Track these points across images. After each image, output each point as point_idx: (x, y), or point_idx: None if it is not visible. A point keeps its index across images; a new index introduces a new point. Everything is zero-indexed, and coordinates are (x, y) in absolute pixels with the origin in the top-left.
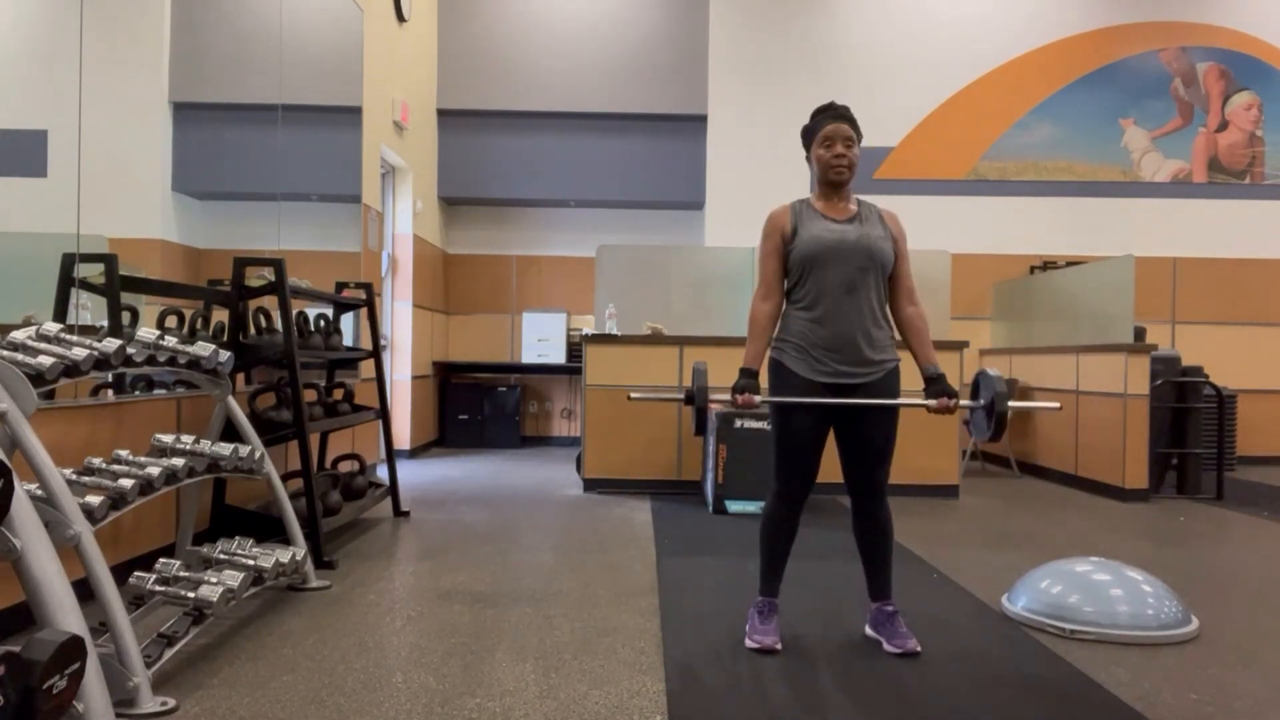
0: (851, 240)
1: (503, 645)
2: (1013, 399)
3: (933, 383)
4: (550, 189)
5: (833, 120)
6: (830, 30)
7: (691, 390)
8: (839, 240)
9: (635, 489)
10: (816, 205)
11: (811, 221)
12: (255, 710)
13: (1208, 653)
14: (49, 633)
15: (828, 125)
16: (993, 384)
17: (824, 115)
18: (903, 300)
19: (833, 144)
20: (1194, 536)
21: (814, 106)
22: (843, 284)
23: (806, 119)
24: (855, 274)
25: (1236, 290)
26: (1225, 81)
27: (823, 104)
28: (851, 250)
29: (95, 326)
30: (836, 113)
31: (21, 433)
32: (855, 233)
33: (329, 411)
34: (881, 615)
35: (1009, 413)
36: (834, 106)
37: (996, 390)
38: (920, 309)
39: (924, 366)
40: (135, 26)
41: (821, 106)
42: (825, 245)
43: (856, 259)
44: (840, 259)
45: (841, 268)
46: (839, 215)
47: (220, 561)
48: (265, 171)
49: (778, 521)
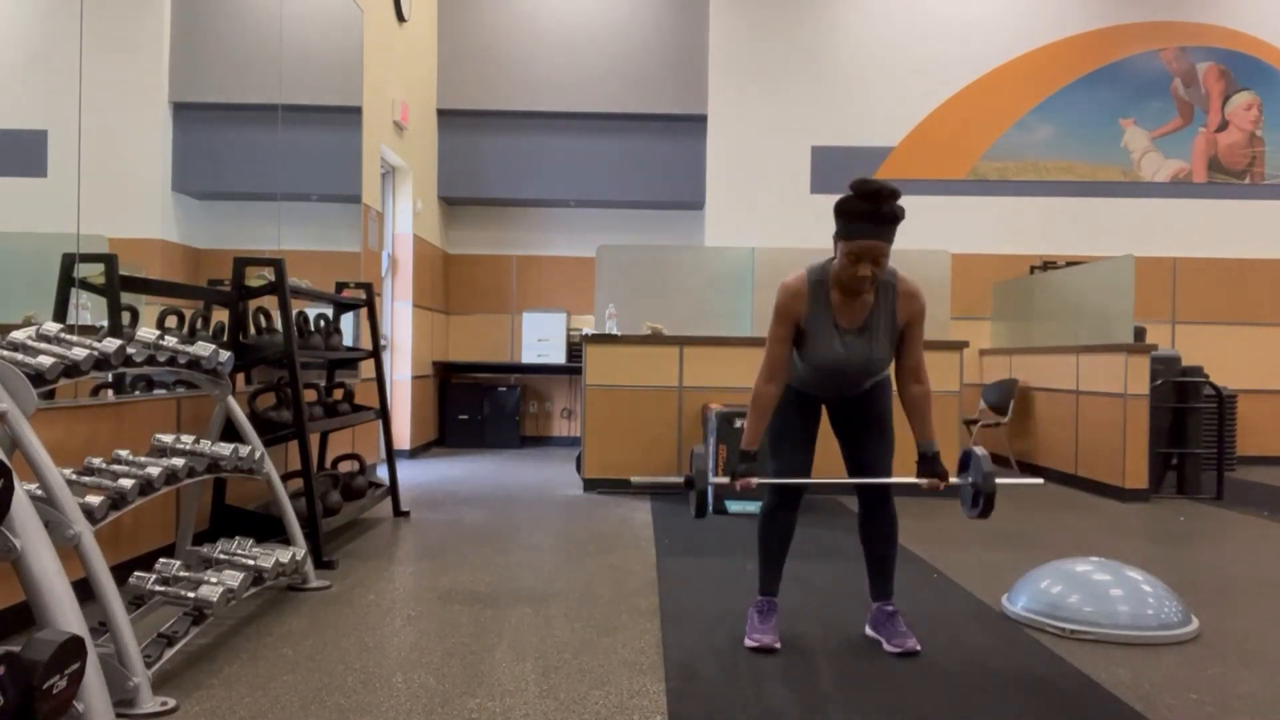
0: (856, 361)
1: (503, 645)
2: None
3: (927, 462)
4: (550, 189)
5: (870, 234)
6: (830, 30)
7: (691, 476)
8: (844, 360)
9: (635, 489)
10: (834, 299)
11: (824, 325)
12: (255, 710)
13: (1208, 653)
14: (49, 633)
15: (862, 240)
16: (980, 465)
17: (862, 221)
18: (907, 378)
19: (859, 262)
20: (1194, 536)
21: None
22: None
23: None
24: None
25: (1236, 290)
26: (1225, 81)
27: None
28: (854, 367)
29: (95, 326)
30: (879, 219)
31: (21, 433)
32: (861, 353)
33: (329, 411)
34: (881, 615)
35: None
36: (879, 210)
37: (984, 471)
38: (925, 386)
39: (920, 444)
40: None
41: (866, 190)
42: (829, 362)
43: (855, 374)
44: (841, 372)
45: (841, 375)
46: (851, 322)
47: (220, 561)
48: (265, 171)
49: (777, 520)
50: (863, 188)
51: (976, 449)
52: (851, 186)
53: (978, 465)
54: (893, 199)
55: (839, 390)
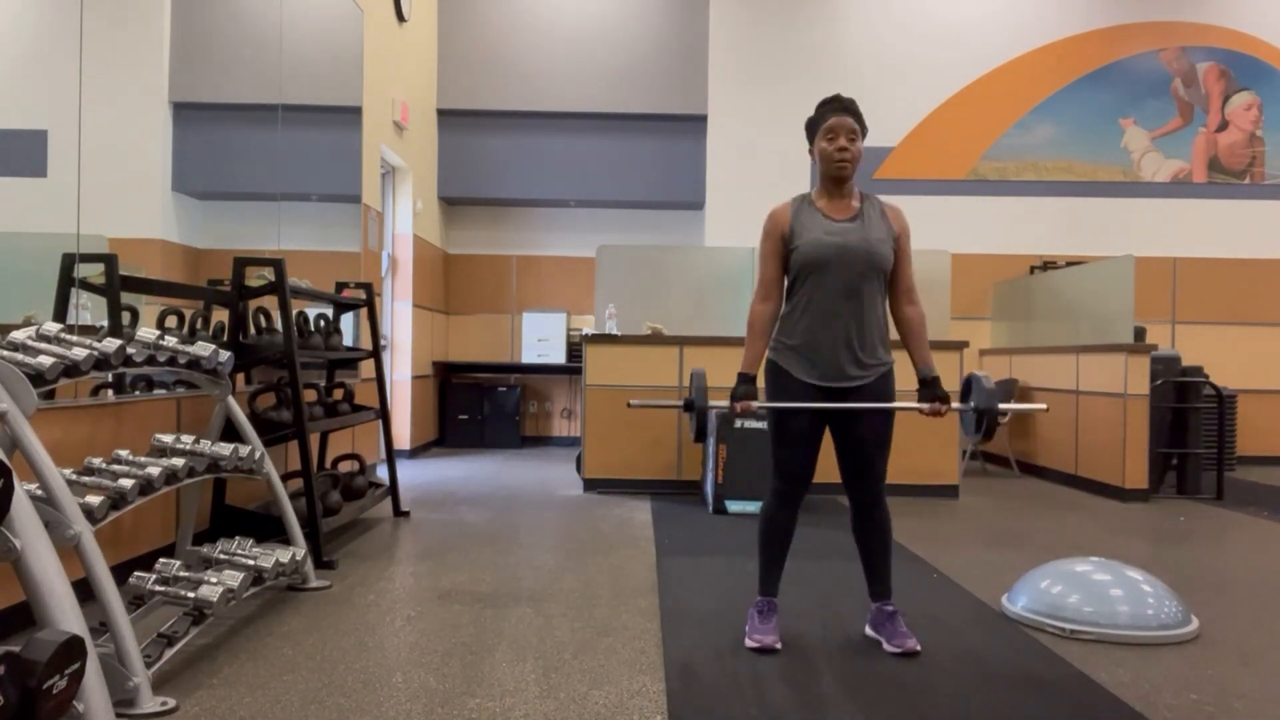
0: (853, 244)
1: (503, 645)
2: (1011, 399)
3: (926, 386)
4: (550, 189)
5: (836, 113)
6: (830, 30)
7: (690, 397)
8: (840, 245)
9: (635, 489)
10: (818, 203)
11: (812, 222)
12: (255, 710)
13: (1208, 653)
14: (49, 633)
15: (831, 118)
16: (982, 387)
17: (828, 108)
18: (902, 299)
19: (835, 136)
20: (1194, 536)
21: (813, 106)
22: (842, 289)
23: (807, 118)
24: (855, 279)
25: (1236, 290)
26: (1225, 81)
27: (828, 96)
28: (852, 254)
29: (95, 326)
30: (841, 105)
31: (21, 433)
32: (856, 235)
33: (329, 411)
34: (881, 615)
35: (999, 414)
36: (839, 98)
37: (986, 389)
38: (919, 308)
39: (919, 369)
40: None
41: (826, 98)
42: (826, 248)
43: (857, 264)
44: (840, 264)
45: (841, 272)
46: (840, 214)
47: (220, 561)
48: (265, 171)
49: (776, 520)
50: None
51: (978, 373)
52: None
53: (980, 387)
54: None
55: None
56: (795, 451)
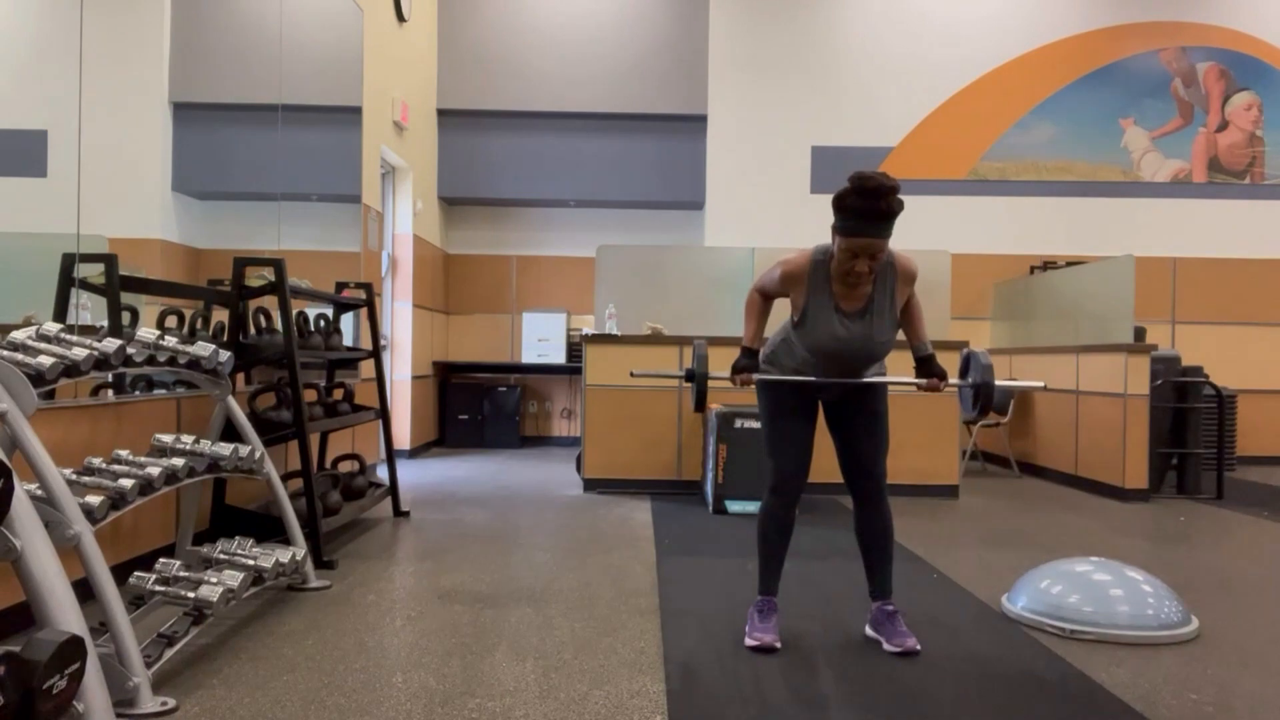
0: (856, 345)
1: (503, 645)
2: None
3: (923, 363)
4: (550, 189)
5: (870, 229)
6: (830, 30)
7: (691, 367)
8: (845, 343)
9: (635, 489)
10: (833, 279)
11: (823, 308)
12: (255, 710)
13: (1208, 653)
14: (49, 633)
15: (860, 238)
16: (979, 363)
17: (860, 218)
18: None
19: (855, 257)
20: (1194, 536)
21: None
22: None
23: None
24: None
25: (1236, 290)
26: (1225, 81)
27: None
28: (854, 351)
29: (95, 326)
30: (877, 215)
31: (21, 433)
32: (861, 336)
33: (329, 411)
34: (881, 615)
35: (994, 389)
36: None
37: (983, 364)
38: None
39: (915, 346)
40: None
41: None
42: (829, 346)
43: (859, 356)
44: (841, 356)
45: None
46: (851, 305)
47: (220, 561)
48: (265, 171)
49: (774, 519)
50: (862, 184)
51: (976, 349)
52: (850, 180)
53: (977, 364)
54: (892, 194)
55: (841, 372)
56: (790, 449)
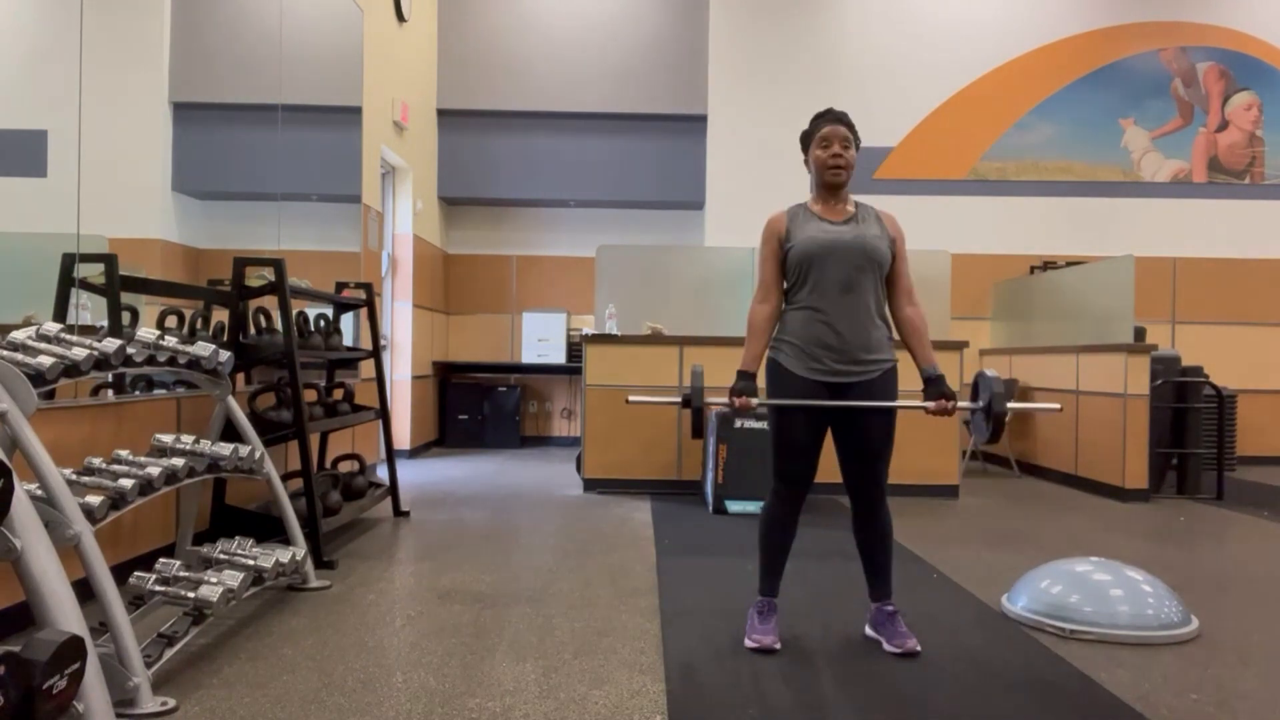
0: (847, 240)
1: (503, 645)
2: (1012, 399)
3: (931, 384)
4: (550, 189)
5: (830, 122)
6: (830, 30)
7: (689, 394)
8: (835, 240)
9: (635, 489)
10: (814, 208)
11: (808, 223)
12: (255, 710)
13: (1208, 653)
14: (49, 633)
15: (825, 127)
16: (991, 385)
17: (821, 119)
18: (901, 300)
19: (829, 144)
20: (1194, 536)
21: (814, 107)
22: (839, 283)
23: (807, 120)
24: (852, 273)
25: (1236, 290)
26: (1225, 81)
27: (821, 110)
28: (847, 249)
29: (95, 326)
30: (834, 115)
31: (21, 433)
32: (851, 233)
33: (329, 411)
34: (881, 615)
35: (1007, 414)
36: (831, 110)
37: (994, 392)
38: (919, 309)
39: (923, 368)
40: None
41: (820, 112)
42: (821, 245)
43: (853, 258)
44: (836, 258)
45: (838, 267)
46: (836, 217)
47: (220, 561)
48: (265, 171)
49: (777, 520)
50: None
51: (987, 370)
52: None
53: (988, 386)
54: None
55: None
56: (796, 453)
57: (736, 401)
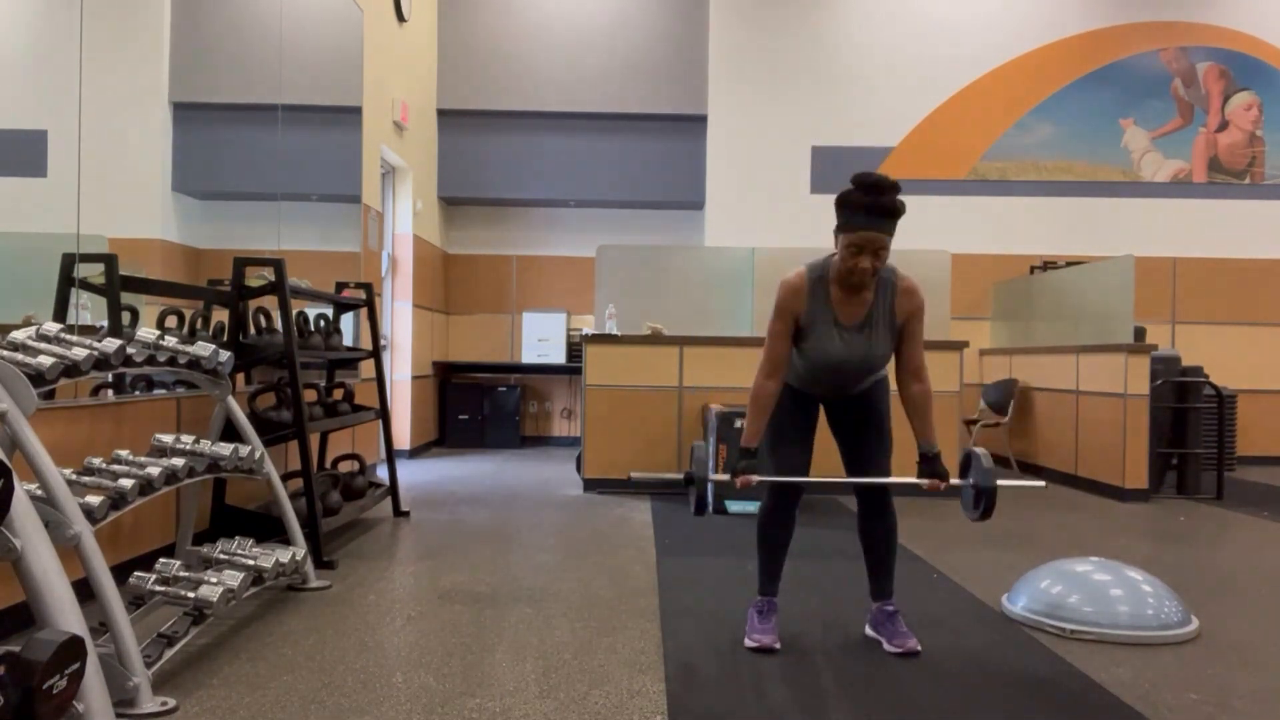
0: (856, 358)
1: (503, 645)
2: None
3: (928, 462)
4: (550, 189)
5: (872, 224)
6: (830, 30)
7: (690, 471)
8: (844, 359)
9: (635, 489)
10: (832, 294)
11: (823, 321)
12: (255, 710)
13: (1208, 653)
14: (49, 633)
15: (862, 230)
16: (981, 466)
17: (862, 213)
18: (909, 378)
19: (859, 253)
20: (1194, 536)
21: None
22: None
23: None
24: (853, 378)
25: (1236, 290)
26: (1225, 81)
27: (869, 179)
28: (853, 366)
29: (95, 326)
30: (880, 211)
31: (21, 433)
32: (861, 349)
33: (329, 411)
34: (882, 615)
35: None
36: (880, 202)
37: (985, 470)
38: (926, 386)
39: (921, 445)
40: (135, 26)
41: (867, 182)
42: (831, 359)
43: (857, 371)
44: (841, 370)
45: (840, 374)
46: (851, 318)
47: (220, 561)
48: (265, 171)
49: (775, 520)
50: (863, 180)
51: (977, 450)
52: (853, 180)
53: (978, 466)
54: (893, 191)
55: (838, 388)
56: (791, 449)
57: (739, 481)
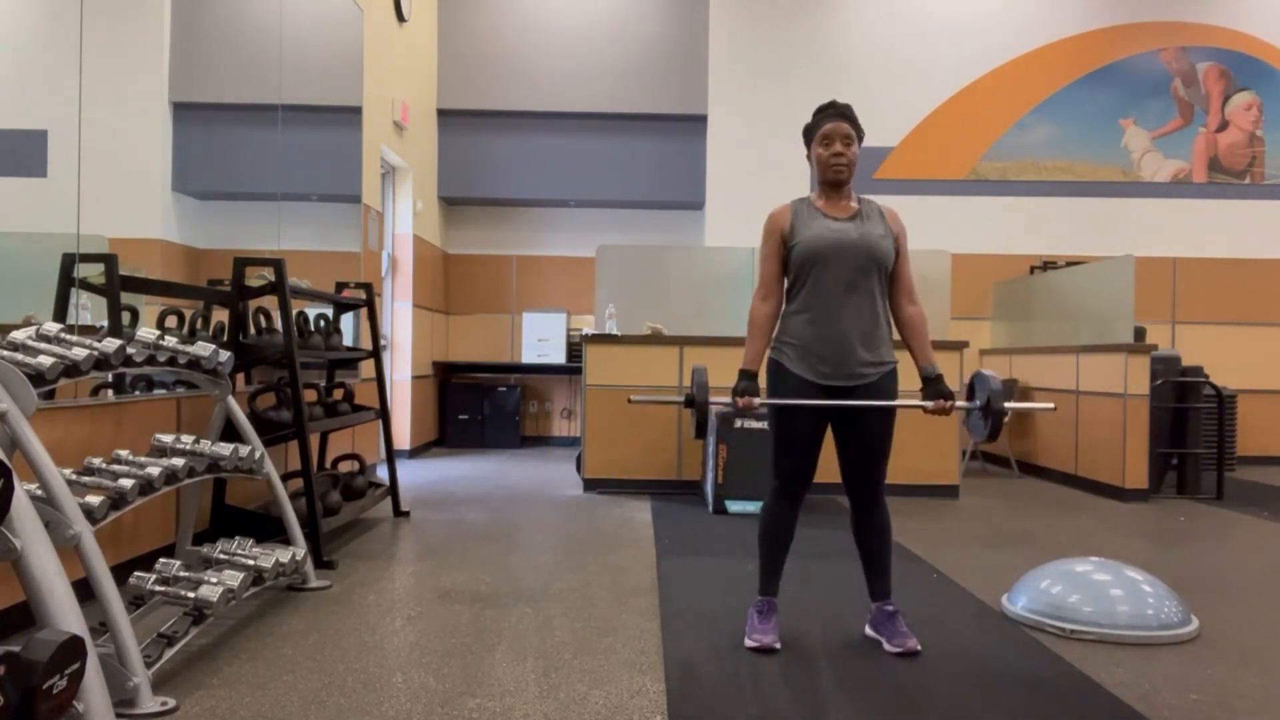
0: (852, 239)
1: (503, 645)
2: (1011, 399)
3: (930, 383)
4: (550, 189)
5: (832, 119)
6: (830, 30)
7: (691, 393)
8: (839, 239)
9: (635, 489)
10: (817, 204)
11: (812, 220)
12: (255, 710)
13: (1208, 653)
14: (49, 633)
15: (827, 124)
16: (988, 384)
17: (824, 114)
18: (903, 299)
19: (831, 142)
20: (1194, 536)
21: (814, 106)
22: (842, 283)
23: (807, 119)
24: (855, 273)
25: (1236, 290)
26: (1225, 81)
27: (824, 103)
28: (852, 249)
29: (95, 326)
30: (837, 110)
31: (21, 433)
32: (856, 231)
33: (329, 411)
34: (882, 615)
35: (1006, 412)
36: (834, 105)
37: (992, 389)
38: (920, 308)
39: (922, 367)
40: (135, 26)
41: (822, 105)
42: (825, 244)
43: (857, 258)
44: (840, 258)
45: (841, 267)
46: (840, 214)
47: (220, 561)
48: (265, 171)
49: (777, 520)
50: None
51: (985, 370)
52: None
53: (985, 384)
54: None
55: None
56: (796, 452)
57: (739, 401)
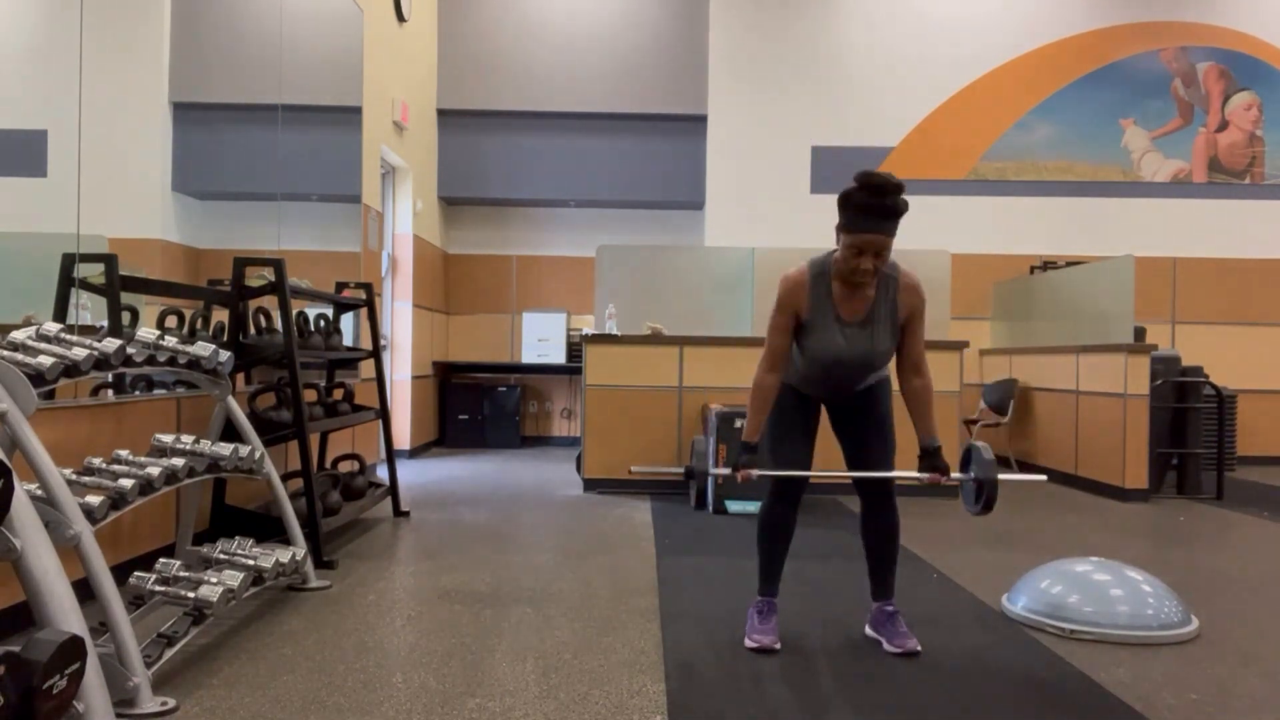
0: (861, 351)
1: (503, 645)
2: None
3: (928, 455)
4: (550, 189)
5: (873, 227)
6: (831, 30)
7: (691, 465)
8: (843, 354)
9: (635, 489)
10: (835, 290)
11: (824, 317)
12: (255, 710)
13: (1208, 653)
14: (49, 633)
15: (864, 233)
16: (982, 458)
17: (864, 215)
18: (909, 372)
19: (860, 255)
20: (1194, 536)
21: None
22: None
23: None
24: (854, 374)
25: (1236, 290)
26: (1225, 81)
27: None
28: (860, 359)
29: (95, 326)
30: (883, 212)
31: (21, 433)
32: (863, 345)
33: (329, 411)
34: (882, 615)
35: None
36: (883, 203)
37: (986, 462)
38: (927, 380)
39: (922, 438)
40: (135, 26)
41: (871, 183)
42: (832, 357)
43: (857, 367)
44: (845, 364)
45: (845, 369)
46: (852, 315)
47: (220, 561)
48: (265, 171)
49: (775, 520)
50: (868, 180)
51: (978, 444)
52: (856, 179)
53: (979, 459)
54: (897, 193)
55: (838, 387)
56: (792, 449)
57: (740, 476)
